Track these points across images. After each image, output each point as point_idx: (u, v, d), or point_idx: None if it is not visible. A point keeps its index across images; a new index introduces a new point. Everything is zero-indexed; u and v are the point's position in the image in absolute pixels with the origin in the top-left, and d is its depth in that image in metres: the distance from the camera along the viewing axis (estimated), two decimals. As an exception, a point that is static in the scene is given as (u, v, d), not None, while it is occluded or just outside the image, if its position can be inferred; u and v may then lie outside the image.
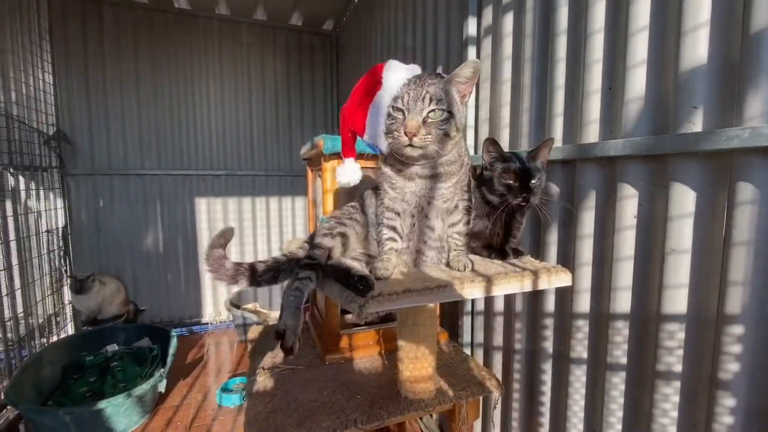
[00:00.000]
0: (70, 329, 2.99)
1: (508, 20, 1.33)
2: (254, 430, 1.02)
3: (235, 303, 3.23)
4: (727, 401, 0.76)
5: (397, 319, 1.14)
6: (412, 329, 1.09)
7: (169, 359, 2.36)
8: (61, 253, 2.90)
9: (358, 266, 0.87)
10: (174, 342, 2.49)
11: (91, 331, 2.70)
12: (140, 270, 3.24)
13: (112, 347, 2.63)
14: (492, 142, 0.91)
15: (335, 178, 1.16)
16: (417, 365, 1.13)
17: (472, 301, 1.59)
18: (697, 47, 0.80)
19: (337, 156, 1.32)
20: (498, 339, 1.44)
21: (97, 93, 3.02)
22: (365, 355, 1.44)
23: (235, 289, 3.50)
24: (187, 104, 3.27)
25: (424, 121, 0.75)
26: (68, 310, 2.99)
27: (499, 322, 1.44)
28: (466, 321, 1.60)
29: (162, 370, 2.19)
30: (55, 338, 2.72)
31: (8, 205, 2.25)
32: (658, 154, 0.86)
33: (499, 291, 0.81)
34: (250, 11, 3.27)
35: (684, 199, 0.83)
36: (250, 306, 3.38)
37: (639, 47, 0.91)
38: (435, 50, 1.82)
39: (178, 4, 3.13)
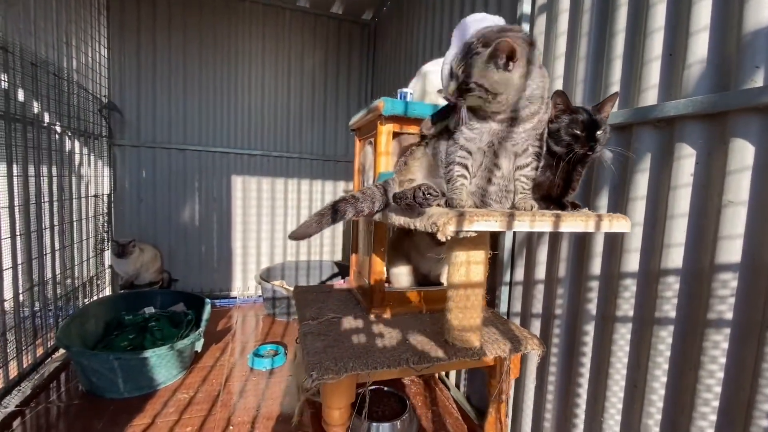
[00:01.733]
0: (108, 292, 3.13)
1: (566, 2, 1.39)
2: (315, 359, 1.10)
3: (264, 279, 3.34)
4: (780, 341, 0.80)
5: (449, 268, 1.20)
6: (466, 274, 1.15)
7: (203, 323, 2.47)
8: (106, 218, 3.05)
9: None
10: (208, 308, 2.60)
11: (130, 293, 2.84)
12: (176, 241, 3.38)
13: (149, 309, 2.77)
14: (560, 93, 0.97)
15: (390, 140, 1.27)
16: (466, 315, 1.20)
17: (511, 270, 1.64)
18: (760, 9, 0.84)
19: (394, 119, 1.39)
20: (537, 306, 1.49)
21: (147, 69, 3.17)
22: (408, 312, 1.51)
23: (264, 265, 3.61)
24: (230, 85, 3.40)
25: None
26: (107, 273, 3.13)
27: (539, 290, 1.49)
28: (504, 291, 1.66)
29: (201, 329, 2.30)
30: (95, 299, 2.86)
31: (55, 168, 2.39)
32: (719, 112, 0.91)
33: (566, 227, 0.87)
34: (294, -2, 3.39)
35: (743, 154, 0.87)
36: (277, 283, 3.48)
37: (702, 12, 0.96)
38: (483, 32, 1.89)
39: (227, -12, 3.27)
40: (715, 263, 0.92)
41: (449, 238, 0.79)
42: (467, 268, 1.17)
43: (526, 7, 1.55)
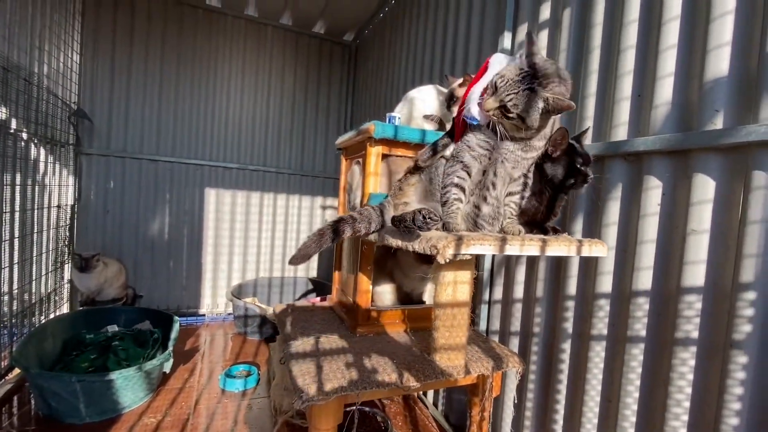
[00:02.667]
0: (65, 309, 2.93)
1: (543, 36, 1.50)
2: (304, 381, 1.09)
3: (235, 296, 3.24)
4: (741, 358, 0.89)
5: (435, 287, 1.23)
6: (453, 295, 1.19)
7: (171, 343, 2.36)
8: (67, 230, 2.88)
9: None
10: (176, 326, 2.49)
11: (92, 310, 2.67)
12: (143, 255, 3.23)
13: (113, 327, 2.61)
14: (565, 130, 1.03)
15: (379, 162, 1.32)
16: (452, 333, 1.23)
17: (490, 290, 1.70)
18: (720, 62, 0.96)
19: (384, 142, 1.44)
20: (516, 324, 1.55)
21: (121, 77, 3.08)
22: (392, 330, 1.52)
23: (235, 282, 3.51)
24: (207, 97, 3.36)
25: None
26: (66, 289, 2.94)
27: (517, 309, 1.55)
28: (483, 309, 1.71)
29: (170, 349, 2.19)
30: (52, 316, 2.67)
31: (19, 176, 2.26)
32: (683, 149, 1.01)
33: (551, 252, 0.93)
34: (277, 15, 3.43)
35: (705, 188, 0.97)
36: (249, 300, 3.38)
37: (668, 62, 1.07)
38: (465, 61, 1.99)
39: (210, 1, 3.26)
40: (681, 286, 1.00)
41: (448, 260, 0.83)
42: (454, 287, 1.20)
43: (506, 43, 1.66)
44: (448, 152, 1.01)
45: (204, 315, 3.42)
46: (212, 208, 3.42)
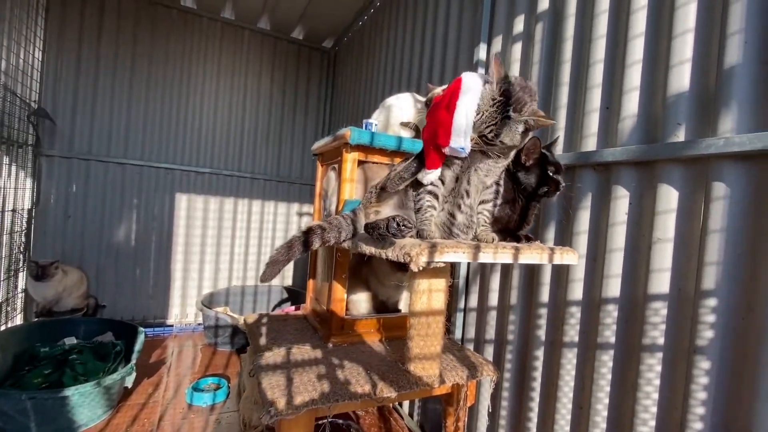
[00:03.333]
0: (19, 320, 2.74)
1: (517, 48, 1.54)
2: (273, 394, 1.05)
3: (206, 305, 3.13)
4: (703, 364, 0.91)
5: (411, 296, 1.22)
6: (428, 303, 1.17)
7: (135, 355, 2.25)
8: (23, 236, 2.71)
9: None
10: (141, 338, 2.37)
11: (49, 322, 2.51)
12: (106, 263, 3.07)
13: (71, 340, 2.46)
14: (538, 139, 1.04)
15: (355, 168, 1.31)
16: (427, 342, 1.21)
17: (465, 298, 1.70)
18: (682, 78, 1.00)
19: (360, 148, 1.42)
20: (490, 332, 1.56)
21: (87, 77, 2.95)
22: (367, 340, 1.49)
23: (206, 291, 3.39)
24: (180, 100, 3.26)
25: None
26: (20, 298, 2.75)
27: (492, 316, 1.55)
28: (459, 317, 1.71)
29: (133, 362, 2.08)
30: (3, 327, 2.49)
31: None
32: (648, 160, 1.05)
33: (524, 259, 0.94)
34: (255, 19, 3.39)
35: (669, 198, 1.01)
36: (220, 309, 3.27)
37: (634, 76, 1.12)
38: (442, 71, 2.02)
39: (184, 2, 3.19)
40: (648, 293, 1.03)
41: (421, 268, 0.82)
42: (429, 296, 1.19)
43: (482, 55, 1.69)
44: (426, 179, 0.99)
45: (172, 325, 3.28)
46: (183, 213, 3.30)
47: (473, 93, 0.89)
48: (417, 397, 1.93)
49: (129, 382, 2.06)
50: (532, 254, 0.94)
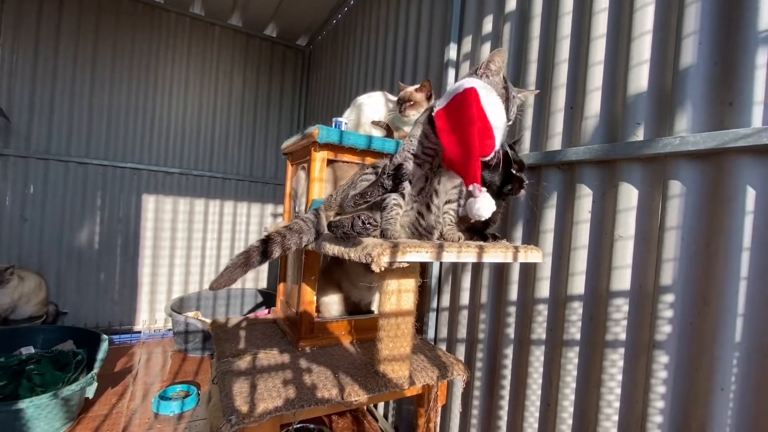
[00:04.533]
0: (-30, 330, 2.57)
1: (486, 48, 1.55)
2: (239, 401, 1.01)
3: (176, 310, 3.02)
4: (662, 358, 0.93)
5: (380, 296, 1.20)
6: (397, 303, 1.16)
7: (98, 364, 2.15)
8: (-26, 240, 2.55)
9: None
10: (104, 346, 2.27)
11: (4, 330, 2.37)
12: (68, 268, 2.92)
13: (28, 350, 2.33)
14: None
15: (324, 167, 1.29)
16: (396, 344, 1.20)
17: (438, 297, 1.70)
18: (640, 78, 1.02)
19: (329, 147, 1.39)
20: (462, 331, 1.55)
21: (46, 72, 2.80)
22: (338, 343, 1.47)
23: (176, 295, 3.28)
24: (146, 97, 3.14)
25: None
26: (-29, 307, 2.58)
27: (464, 315, 1.55)
28: (431, 317, 1.70)
29: (94, 372, 1.98)
30: (-49, 338, 2.33)
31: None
32: (610, 159, 1.07)
33: (488, 258, 0.93)
34: (225, 15, 3.30)
35: (629, 196, 1.03)
36: (191, 314, 3.17)
37: (596, 76, 1.13)
38: (414, 71, 2.01)
39: (150, -4, 3.08)
40: (610, 290, 1.05)
41: (383, 268, 0.80)
42: (398, 296, 1.18)
43: (452, 54, 1.69)
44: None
45: (140, 332, 3.15)
46: (150, 215, 3.18)
47: (489, 91, 0.88)
48: (387, 399, 1.92)
49: (90, 393, 1.96)
50: (496, 253, 0.94)
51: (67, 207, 2.90)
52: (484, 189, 0.85)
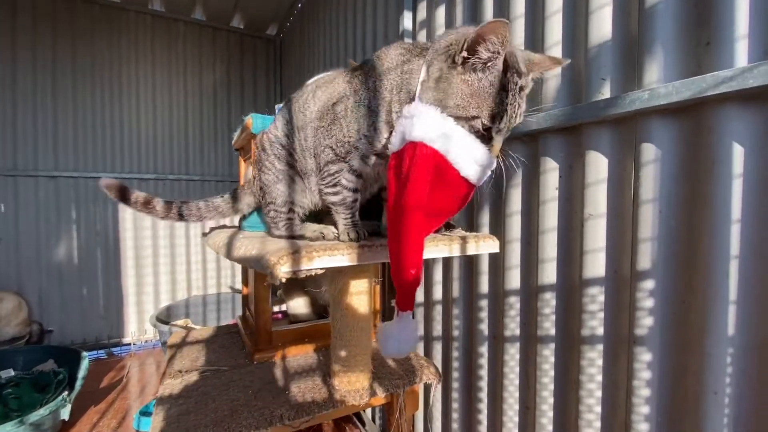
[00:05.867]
0: (-48, 356, 2.52)
1: (441, 13, 1.37)
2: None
3: (163, 319, 2.94)
4: (645, 356, 0.78)
5: (330, 303, 1.07)
6: (344, 314, 1.03)
7: (78, 383, 2.08)
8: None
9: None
10: (85, 363, 2.20)
11: (-20, 355, 2.31)
12: (49, 285, 2.85)
13: (7, 372, 2.27)
14: None
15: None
16: (352, 353, 1.07)
17: (412, 293, 1.56)
18: (602, 25, 0.86)
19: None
20: (438, 328, 1.42)
21: (4, 85, 2.69)
22: (299, 353, 1.34)
23: (163, 304, 3.20)
24: (113, 102, 3.01)
25: None
26: (-49, 333, 2.53)
27: (438, 311, 1.42)
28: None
29: (66, 394, 1.90)
30: (-71, 366, 2.28)
31: None
32: (574, 125, 0.90)
33: (428, 255, 0.79)
34: (187, 10, 3.14)
35: (598, 166, 0.87)
36: (180, 322, 3.08)
37: (555, 28, 0.96)
38: (374, 47, 1.84)
39: (106, -4, 2.93)
40: (583, 277, 0.90)
41: (283, 280, 0.66)
42: (349, 300, 1.05)
43: (407, 23, 1.52)
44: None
45: (130, 344, 3.09)
46: (129, 225, 3.08)
47: (447, 138, 0.66)
48: (346, 413, 1.79)
49: (65, 414, 1.89)
50: (437, 248, 0.79)
51: (41, 223, 2.82)
52: (408, 315, 0.67)
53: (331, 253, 0.69)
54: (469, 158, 0.68)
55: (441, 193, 0.67)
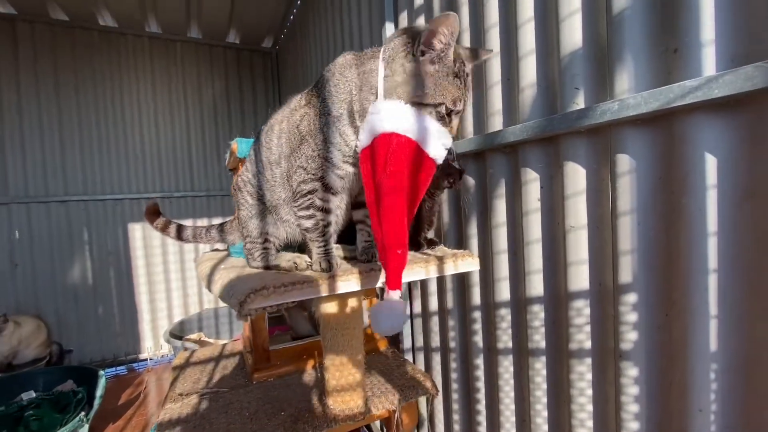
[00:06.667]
0: (-21, 379, 2.63)
1: (421, 22, 1.36)
2: (159, 462, 0.91)
3: (177, 334, 3.00)
4: (631, 371, 0.77)
5: (320, 324, 1.08)
6: (334, 333, 1.03)
7: (96, 402, 2.14)
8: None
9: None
10: (102, 382, 2.26)
11: (4, 378, 2.40)
12: (66, 306, 2.95)
13: (28, 395, 2.34)
14: None
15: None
16: (344, 372, 1.07)
17: (410, 302, 1.56)
18: (573, 33, 0.84)
19: (253, 160, 1.27)
20: (436, 339, 1.42)
21: (11, 115, 2.78)
22: (297, 369, 1.36)
23: (177, 319, 3.27)
24: (116, 125, 3.09)
25: None
26: (-23, 357, 2.64)
27: (435, 322, 1.41)
28: (406, 325, 1.57)
29: (83, 414, 1.97)
30: (-43, 391, 2.38)
31: None
32: (551, 136, 0.89)
33: (405, 278, 0.78)
34: (183, 29, 3.19)
35: (576, 177, 0.85)
36: (194, 336, 3.15)
37: (528, 37, 0.95)
38: (361, 58, 1.84)
39: (103, 21, 3.00)
40: (569, 290, 0.88)
41: (250, 317, 0.67)
42: (334, 333, 1.05)
43: (389, 34, 1.51)
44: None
45: (146, 359, 3.17)
46: (139, 243, 3.16)
47: (412, 122, 0.70)
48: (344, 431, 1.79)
49: (83, 434, 1.95)
50: (413, 270, 0.79)
51: (54, 247, 2.91)
52: (396, 293, 0.71)
53: (300, 288, 0.70)
54: (437, 141, 0.72)
55: (416, 175, 0.72)
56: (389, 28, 1.51)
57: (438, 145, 0.72)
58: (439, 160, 0.73)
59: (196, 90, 3.37)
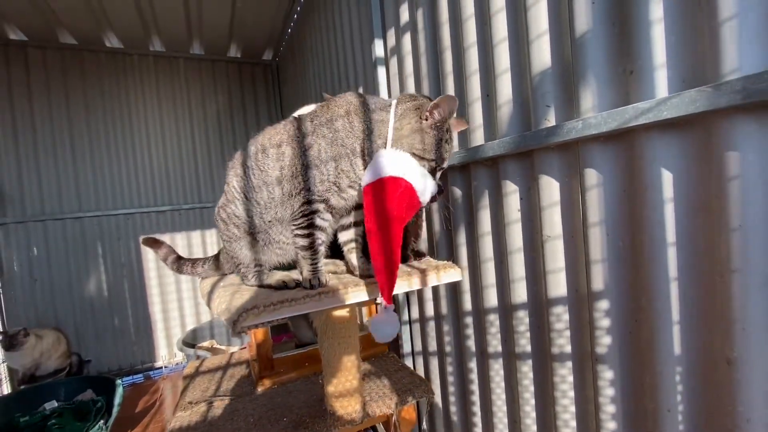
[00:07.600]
0: (6, 390, 2.76)
1: (407, 40, 1.42)
2: (170, 468, 0.98)
3: (189, 342, 3.10)
4: (607, 374, 0.81)
5: (318, 333, 1.14)
6: (331, 342, 1.09)
7: (115, 409, 2.23)
8: (-9, 308, 2.72)
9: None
10: (119, 391, 2.36)
11: (28, 389, 2.51)
12: (83, 318, 3.07)
13: (51, 404, 2.45)
14: None
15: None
16: (341, 378, 1.13)
17: (408, 308, 1.61)
18: (542, 53, 0.88)
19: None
20: (433, 344, 1.47)
21: (26, 136, 2.91)
22: (301, 376, 1.42)
23: (189, 327, 3.37)
24: (125, 141, 3.20)
25: None
26: (2, 369, 2.77)
27: (432, 327, 1.46)
28: (405, 330, 1.62)
29: (102, 422, 2.06)
30: (-15, 402, 2.50)
31: None
32: (526, 151, 0.93)
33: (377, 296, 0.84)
34: (185, 46, 3.29)
35: (551, 190, 0.90)
36: (206, 344, 3.24)
37: (503, 56, 0.99)
38: (355, 73, 1.90)
39: (110, 43, 3.11)
40: (549, 296, 0.93)
41: (245, 332, 0.73)
42: (331, 341, 1.11)
43: (379, 51, 1.57)
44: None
45: (161, 367, 3.27)
46: (151, 256, 3.26)
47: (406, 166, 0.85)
48: None
49: (102, 442, 2.04)
50: (397, 283, 0.84)
51: (71, 261, 3.03)
52: (391, 307, 0.83)
53: (289, 305, 0.76)
54: (426, 188, 0.87)
55: (408, 211, 0.86)
56: (379, 46, 1.57)
57: (426, 190, 0.87)
58: (425, 203, 0.88)
59: (200, 104, 3.47)
